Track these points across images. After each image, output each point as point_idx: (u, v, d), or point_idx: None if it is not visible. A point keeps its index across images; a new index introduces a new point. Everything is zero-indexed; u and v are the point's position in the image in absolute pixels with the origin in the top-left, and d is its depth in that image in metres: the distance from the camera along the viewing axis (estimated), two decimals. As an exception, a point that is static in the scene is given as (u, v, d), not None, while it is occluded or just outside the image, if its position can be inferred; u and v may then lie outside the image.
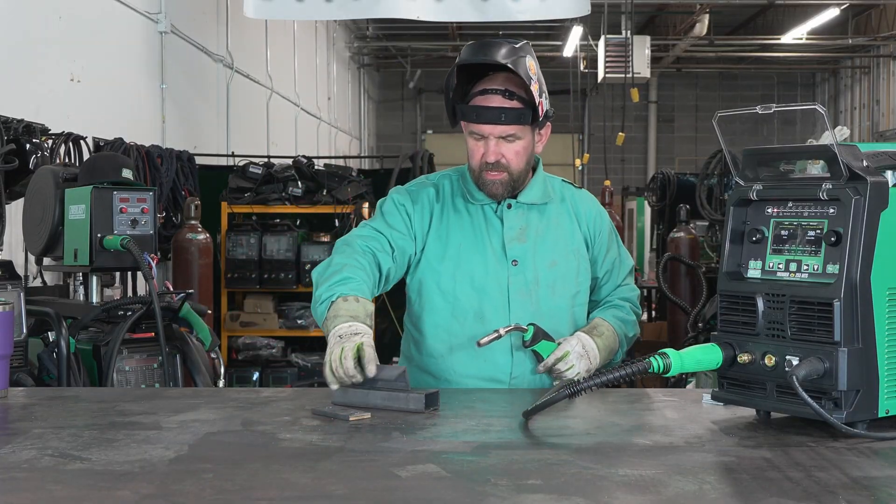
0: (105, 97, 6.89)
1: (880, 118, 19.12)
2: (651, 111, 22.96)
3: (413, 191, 2.74)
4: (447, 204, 2.71)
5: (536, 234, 2.68)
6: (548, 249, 2.67)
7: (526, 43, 2.60)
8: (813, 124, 20.22)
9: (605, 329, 2.64)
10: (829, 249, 1.94)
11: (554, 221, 2.70)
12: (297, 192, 7.57)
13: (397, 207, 2.70)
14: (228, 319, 7.68)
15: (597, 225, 2.76)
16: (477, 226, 2.67)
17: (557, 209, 2.72)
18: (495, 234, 2.67)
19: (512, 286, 2.63)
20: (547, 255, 2.66)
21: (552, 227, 2.70)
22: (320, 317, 2.45)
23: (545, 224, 2.69)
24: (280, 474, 1.70)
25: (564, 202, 2.75)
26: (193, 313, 4.03)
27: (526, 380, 2.63)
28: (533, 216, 2.69)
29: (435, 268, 2.67)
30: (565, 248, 2.69)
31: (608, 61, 13.09)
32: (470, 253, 2.65)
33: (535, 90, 2.53)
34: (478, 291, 2.63)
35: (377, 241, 2.63)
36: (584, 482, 1.65)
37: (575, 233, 2.72)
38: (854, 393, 1.88)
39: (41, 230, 4.20)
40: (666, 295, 8.43)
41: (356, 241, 2.63)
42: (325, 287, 2.47)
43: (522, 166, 2.63)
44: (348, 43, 18.53)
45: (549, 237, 2.68)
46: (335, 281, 2.47)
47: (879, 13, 17.97)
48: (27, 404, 2.36)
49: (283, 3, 6.97)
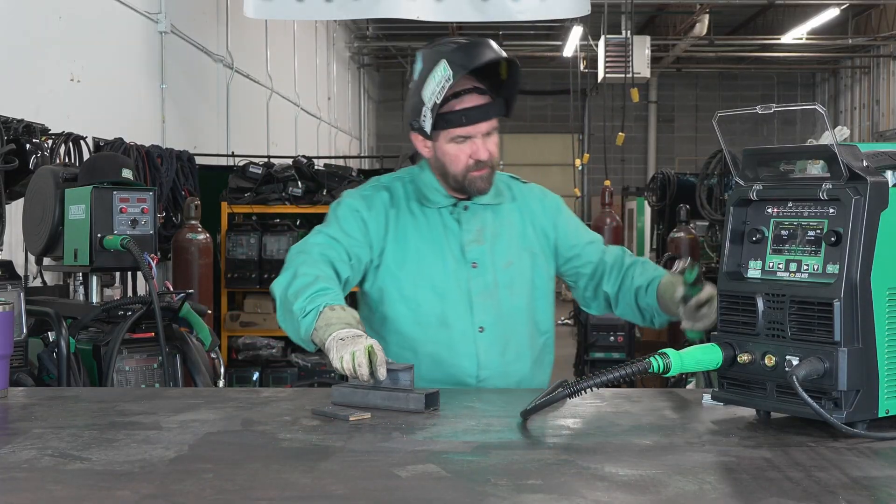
0: (105, 97, 6.89)
1: (880, 118, 19.12)
2: (651, 111, 22.96)
3: (367, 195, 2.69)
4: (402, 208, 2.67)
5: (492, 234, 2.67)
6: (503, 250, 2.67)
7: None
8: (813, 124, 20.23)
9: None
10: (829, 249, 1.94)
11: (507, 221, 2.71)
12: (297, 192, 7.57)
13: (352, 213, 2.64)
14: (228, 319, 7.68)
15: (550, 211, 2.77)
16: (434, 229, 2.65)
17: (509, 208, 2.73)
18: (453, 237, 2.65)
19: (473, 289, 2.61)
20: (503, 256, 2.66)
21: (506, 227, 2.70)
22: (307, 328, 2.37)
23: (499, 224, 2.69)
24: (280, 474, 1.70)
25: (515, 201, 2.75)
26: (193, 313, 4.03)
27: (492, 382, 2.61)
28: (488, 217, 2.69)
29: (396, 274, 2.63)
30: (518, 247, 2.69)
31: (608, 61, 13.09)
32: (430, 257, 2.63)
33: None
34: (440, 296, 2.61)
35: (334, 249, 2.57)
36: (584, 482, 1.65)
37: (527, 231, 2.72)
38: (854, 393, 1.88)
39: (41, 230, 4.20)
40: (666, 295, 8.42)
41: (313, 250, 2.56)
42: (303, 300, 2.40)
43: (498, 160, 2.67)
44: (348, 43, 18.53)
45: (503, 237, 2.68)
46: (314, 292, 2.41)
47: (879, 13, 17.97)
48: (27, 404, 2.36)
49: (283, 3, 6.97)
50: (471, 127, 2.58)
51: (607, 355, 8.05)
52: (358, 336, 2.28)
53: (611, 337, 8.09)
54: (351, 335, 2.28)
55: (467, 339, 2.61)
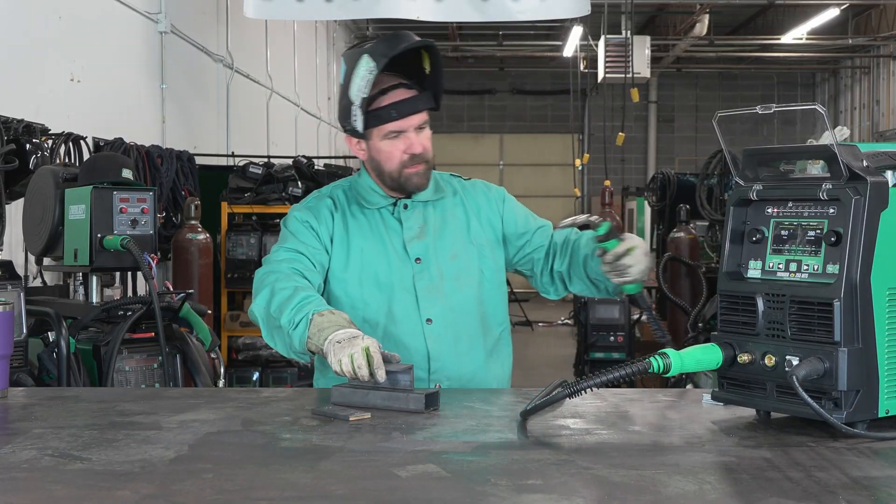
0: (105, 97, 6.89)
1: (880, 118, 19.12)
2: (651, 111, 22.96)
3: (311, 206, 2.72)
4: (345, 212, 2.70)
5: (434, 229, 2.68)
6: (447, 243, 2.67)
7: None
8: (813, 124, 20.23)
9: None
10: (829, 249, 1.94)
11: (450, 214, 2.71)
12: (297, 192, 7.56)
13: (302, 225, 2.67)
14: (228, 319, 7.68)
15: (495, 202, 2.77)
16: (376, 229, 2.67)
17: (451, 202, 2.74)
18: (395, 235, 2.66)
19: (418, 283, 2.62)
20: (447, 249, 2.67)
21: (448, 221, 2.70)
22: (300, 338, 2.37)
23: (441, 218, 2.70)
24: (280, 474, 1.70)
25: (457, 195, 2.76)
26: (193, 313, 4.03)
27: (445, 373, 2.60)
28: (429, 212, 2.70)
29: (340, 277, 2.65)
30: (464, 240, 2.70)
31: (608, 61, 13.09)
32: (372, 256, 2.64)
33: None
34: (385, 293, 2.61)
35: (300, 262, 2.60)
36: (584, 482, 1.65)
37: (471, 223, 2.72)
38: (854, 393, 1.88)
39: (41, 230, 4.21)
40: (666, 295, 8.44)
41: (281, 266, 2.58)
42: (289, 312, 2.40)
43: (432, 154, 2.67)
44: (348, 43, 18.51)
45: (447, 231, 2.69)
46: (298, 303, 2.41)
47: (879, 13, 17.97)
48: (27, 404, 2.36)
49: (283, 3, 6.96)
50: (402, 121, 2.59)
51: (607, 355, 8.05)
52: (354, 337, 2.28)
53: (611, 337, 8.09)
54: (347, 336, 2.28)
55: (416, 333, 2.61)
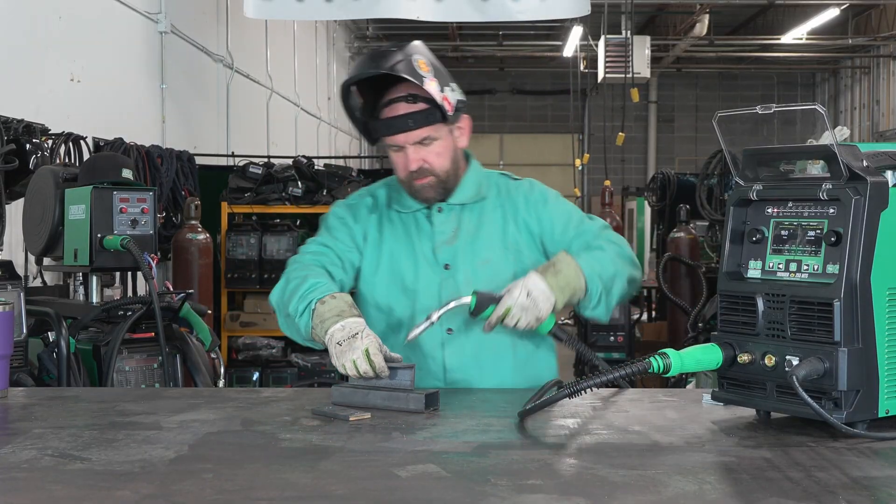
0: (105, 97, 6.89)
1: (880, 118, 19.12)
2: (651, 111, 22.96)
3: (352, 204, 2.74)
4: (383, 214, 2.70)
5: (468, 234, 2.63)
6: (480, 247, 2.62)
7: (416, 43, 2.55)
8: (813, 124, 20.22)
9: (564, 265, 2.46)
10: (829, 249, 1.94)
11: (487, 218, 2.65)
12: (297, 192, 7.57)
13: (339, 222, 2.70)
14: (228, 319, 7.68)
15: (534, 205, 2.67)
16: (408, 233, 2.65)
17: (492, 205, 2.67)
18: (426, 240, 2.64)
19: (444, 290, 2.58)
20: (479, 254, 2.61)
21: (485, 225, 2.64)
22: (305, 328, 2.42)
23: (477, 222, 2.64)
24: (280, 474, 1.70)
25: (500, 196, 2.68)
26: (193, 313, 4.03)
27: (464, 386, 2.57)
28: (465, 216, 2.65)
29: (370, 280, 2.65)
30: (499, 245, 2.62)
31: (608, 61, 13.09)
32: (402, 261, 2.63)
33: (433, 86, 2.47)
34: (410, 299, 2.60)
35: (326, 255, 2.63)
36: (584, 482, 1.65)
37: (508, 226, 2.64)
38: (854, 393, 1.88)
39: (41, 230, 4.20)
40: (666, 295, 8.44)
41: (306, 258, 2.63)
42: (295, 301, 2.44)
43: (447, 166, 2.60)
44: (348, 43, 18.52)
45: (481, 235, 2.63)
46: (304, 291, 2.44)
47: (879, 13, 17.97)
48: (27, 404, 2.36)
49: (283, 3, 6.97)
50: (397, 136, 2.55)
51: (607, 355, 8.04)
52: (353, 336, 2.29)
53: (611, 337, 8.09)
54: (346, 336, 2.29)
55: (434, 342, 2.58)
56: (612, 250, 2.56)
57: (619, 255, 2.57)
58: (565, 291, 2.43)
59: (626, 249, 2.61)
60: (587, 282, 2.46)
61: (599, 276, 2.49)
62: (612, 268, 2.53)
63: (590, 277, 2.47)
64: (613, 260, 2.54)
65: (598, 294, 2.49)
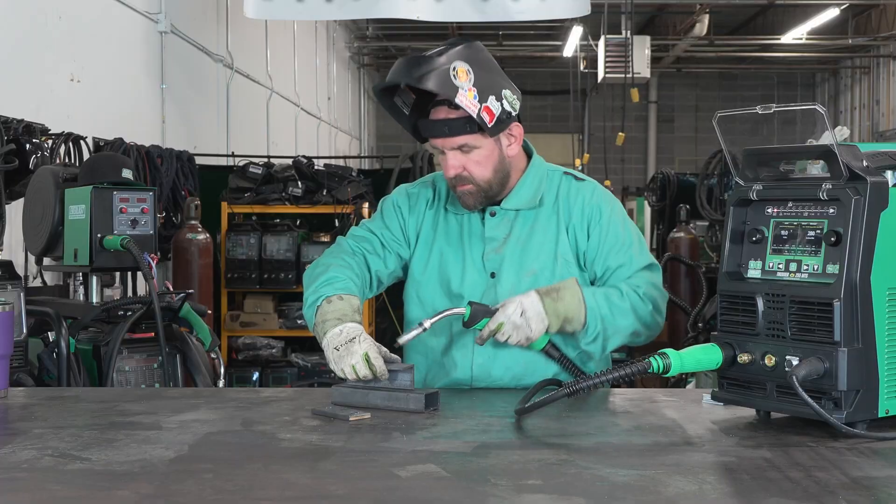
0: (105, 97, 6.88)
1: (880, 118, 19.11)
2: (651, 111, 22.94)
3: (413, 192, 2.69)
4: (439, 210, 2.65)
5: (517, 241, 2.55)
6: (529, 258, 2.53)
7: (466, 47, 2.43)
8: (813, 124, 20.20)
9: (568, 293, 2.41)
10: (829, 249, 1.94)
11: (541, 226, 2.56)
12: (297, 192, 7.56)
13: (394, 209, 2.67)
14: (228, 319, 7.68)
15: (588, 218, 2.55)
16: (461, 235, 2.60)
17: (547, 212, 2.57)
18: (477, 245, 2.57)
19: (486, 298, 2.51)
20: (527, 264, 2.53)
21: (537, 233, 2.56)
22: (310, 321, 2.46)
23: (529, 230, 2.56)
24: (280, 474, 1.70)
25: (557, 201, 2.58)
26: (193, 313, 4.03)
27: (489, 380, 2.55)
28: (518, 222, 2.57)
29: (418, 279, 2.63)
30: (548, 254, 2.54)
31: (608, 61, 13.09)
32: (450, 263, 2.59)
33: (468, 98, 2.37)
34: (454, 303, 2.52)
35: (369, 242, 2.62)
36: (584, 482, 1.65)
37: (561, 235, 2.55)
38: (854, 393, 1.88)
39: (41, 230, 4.20)
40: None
41: (348, 241, 2.64)
42: (312, 289, 2.47)
43: (489, 175, 2.50)
44: (348, 43, 18.52)
45: (532, 244, 2.55)
46: (321, 282, 2.47)
47: (879, 13, 17.96)
48: (27, 404, 2.36)
49: (283, 3, 6.97)
50: (435, 140, 2.48)
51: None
52: (350, 340, 2.30)
53: (611, 337, 8.07)
54: (343, 340, 2.30)
55: (466, 353, 2.55)
56: (630, 301, 2.47)
57: (634, 310, 2.47)
58: (561, 318, 2.40)
59: (645, 306, 2.48)
60: (587, 317, 2.42)
61: (603, 317, 2.44)
62: (620, 319, 2.46)
63: (591, 314, 2.42)
64: (625, 311, 2.46)
65: (595, 333, 2.45)
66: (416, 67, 2.39)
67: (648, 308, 2.49)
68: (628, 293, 2.48)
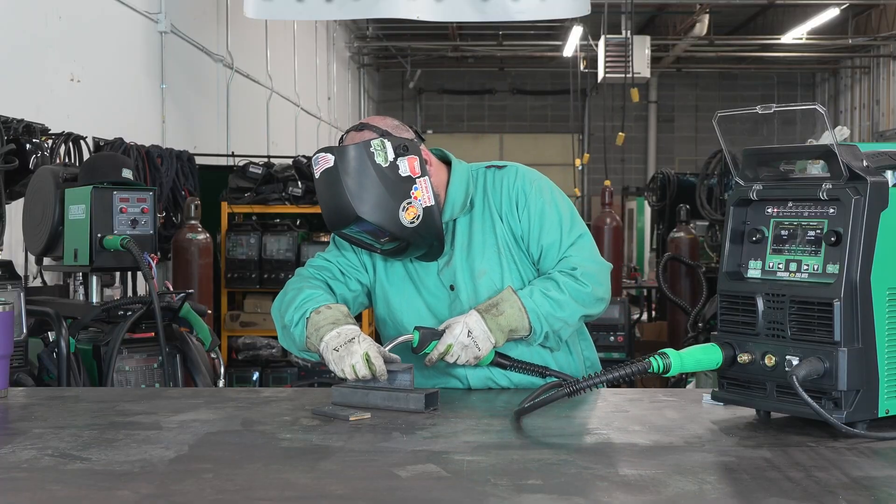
0: (105, 97, 6.88)
1: (880, 118, 19.11)
2: (651, 111, 22.95)
3: None
4: None
5: (462, 248, 2.54)
6: (476, 261, 2.53)
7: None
8: (813, 124, 20.22)
9: (507, 305, 2.41)
10: (829, 249, 1.94)
11: (477, 226, 2.55)
12: (297, 192, 7.56)
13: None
14: (228, 319, 7.68)
15: (515, 202, 2.53)
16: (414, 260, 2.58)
17: (480, 210, 2.56)
18: (430, 263, 2.56)
19: (454, 311, 2.51)
20: (476, 267, 2.52)
21: (476, 234, 2.55)
22: (300, 338, 2.41)
23: (468, 234, 2.55)
24: (280, 474, 1.70)
25: (486, 196, 2.56)
26: (193, 313, 4.03)
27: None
28: (457, 231, 2.56)
29: (388, 299, 2.60)
30: (492, 250, 2.53)
31: (608, 61, 13.09)
32: (412, 287, 2.58)
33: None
34: (429, 323, 2.52)
35: (328, 270, 2.61)
36: (584, 482, 1.65)
37: (497, 228, 2.54)
38: (854, 393, 1.88)
39: (41, 230, 4.20)
40: (666, 295, 8.44)
41: (307, 271, 2.62)
42: (290, 311, 2.44)
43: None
44: (348, 43, 18.52)
45: (474, 246, 2.54)
46: (299, 302, 2.44)
47: (879, 13, 17.96)
48: (27, 404, 2.36)
49: (283, 3, 6.97)
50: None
51: (607, 355, 8.03)
52: (350, 341, 2.30)
53: (611, 337, 8.08)
54: (343, 341, 2.30)
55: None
56: (568, 291, 2.46)
57: (574, 298, 2.46)
58: (505, 332, 2.42)
59: (584, 288, 2.47)
60: (531, 322, 2.43)
61: (546, 316, 2.44)
62: (563, 311, 2.46)
63: (534, 318, 2.43)
64: (565, 303, 2.46)
65: (543, 333, 2.46)
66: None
67: (588, 289, 2.48)
68: (565, 283, 2.47)
